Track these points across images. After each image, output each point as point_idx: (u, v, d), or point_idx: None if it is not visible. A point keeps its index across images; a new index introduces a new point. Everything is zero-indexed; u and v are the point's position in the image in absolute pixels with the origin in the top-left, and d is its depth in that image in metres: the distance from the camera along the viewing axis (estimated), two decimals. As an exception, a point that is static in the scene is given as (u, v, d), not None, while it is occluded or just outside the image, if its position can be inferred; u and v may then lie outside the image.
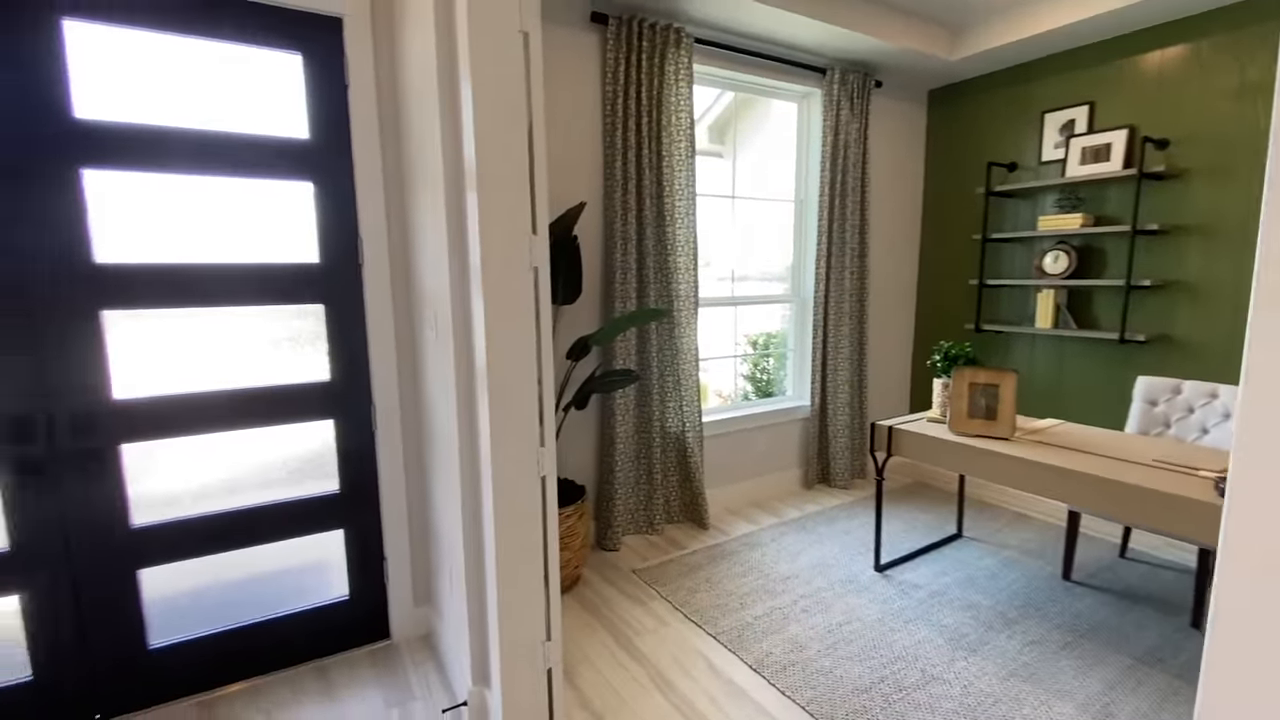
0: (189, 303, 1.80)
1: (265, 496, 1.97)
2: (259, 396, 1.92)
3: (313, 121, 1.89)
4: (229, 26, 1.76)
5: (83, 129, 1.63)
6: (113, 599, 1.79)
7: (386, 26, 1.95)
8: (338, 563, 2.12)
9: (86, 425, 1.70)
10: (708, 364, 4.44)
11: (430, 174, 1.70)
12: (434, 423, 1.95)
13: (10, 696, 1.70)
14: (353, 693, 1.93)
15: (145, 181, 1.72)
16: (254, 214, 1.87)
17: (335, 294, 1.99)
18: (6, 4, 1.52)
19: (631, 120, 2.72)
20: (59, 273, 1.63)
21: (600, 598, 2.47)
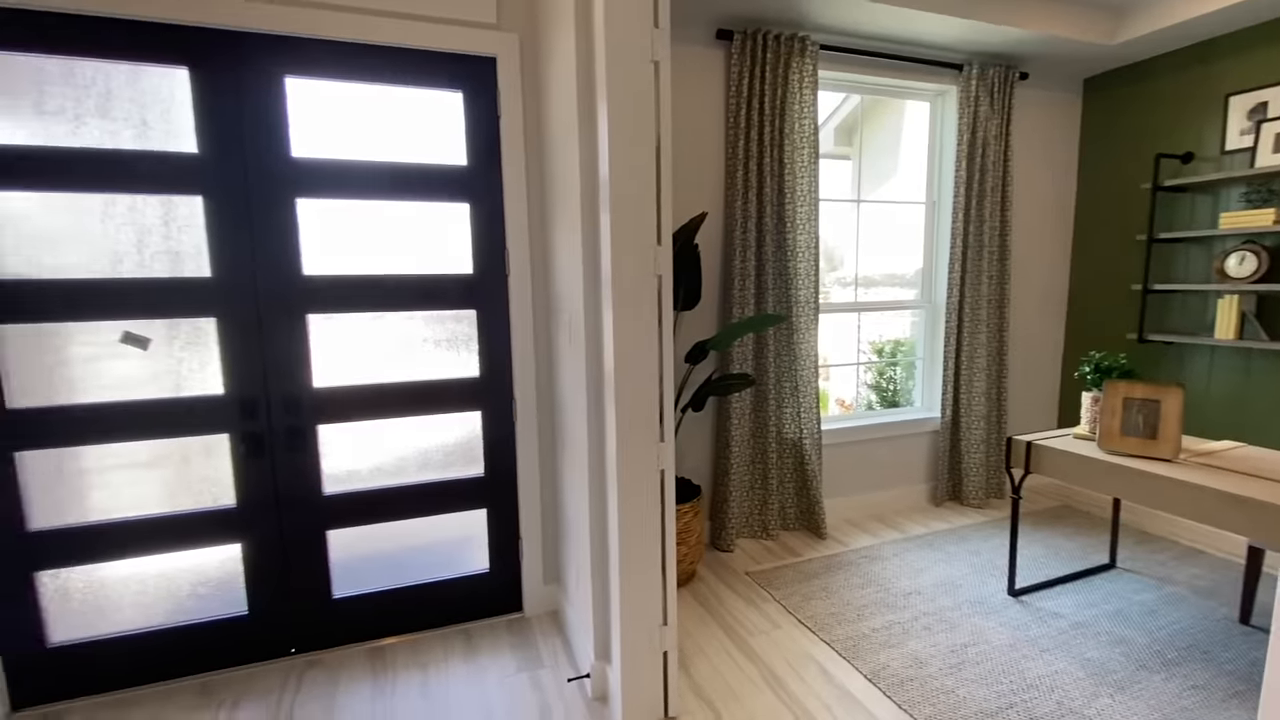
0: (371, 308, 2.13)
1: (424, 476, 2.27)
2: (422, 389, 2.22)
3: (470, 150, 2.17)
4: (407, 73, 2.07)
5: (297, 165, 2.00)
6: (308, 554, 2.16)
7: (532, 63, 2.19)
8: (480, 539, 2.38)
9: (294, 407, 2.07)
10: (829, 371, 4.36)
11: (568, 192, 1.89)
12: (565, 417, 2.15)
13: (232, 626, 2.11)
14: (491, 656, 2.17)
15: (340, 207, 2.07)
16: (422, 232, 2.17)
17: (485, 301, 2.25)
18: (251, 68, 1.91)
19: (754, 130, 2.78)
20: (279, 282, 2.02)
21: (714, 595, 2.55)
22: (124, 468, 1.96)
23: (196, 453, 2.02)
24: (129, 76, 1.84)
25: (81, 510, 1.93)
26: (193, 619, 2.06)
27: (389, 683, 2.03)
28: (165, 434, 1.97)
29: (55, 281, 1.83)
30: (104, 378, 1.91)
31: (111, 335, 1.90)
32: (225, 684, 2.04)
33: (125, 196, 1.86)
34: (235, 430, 2.02)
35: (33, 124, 1.78)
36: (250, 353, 2.01)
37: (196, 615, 2.07)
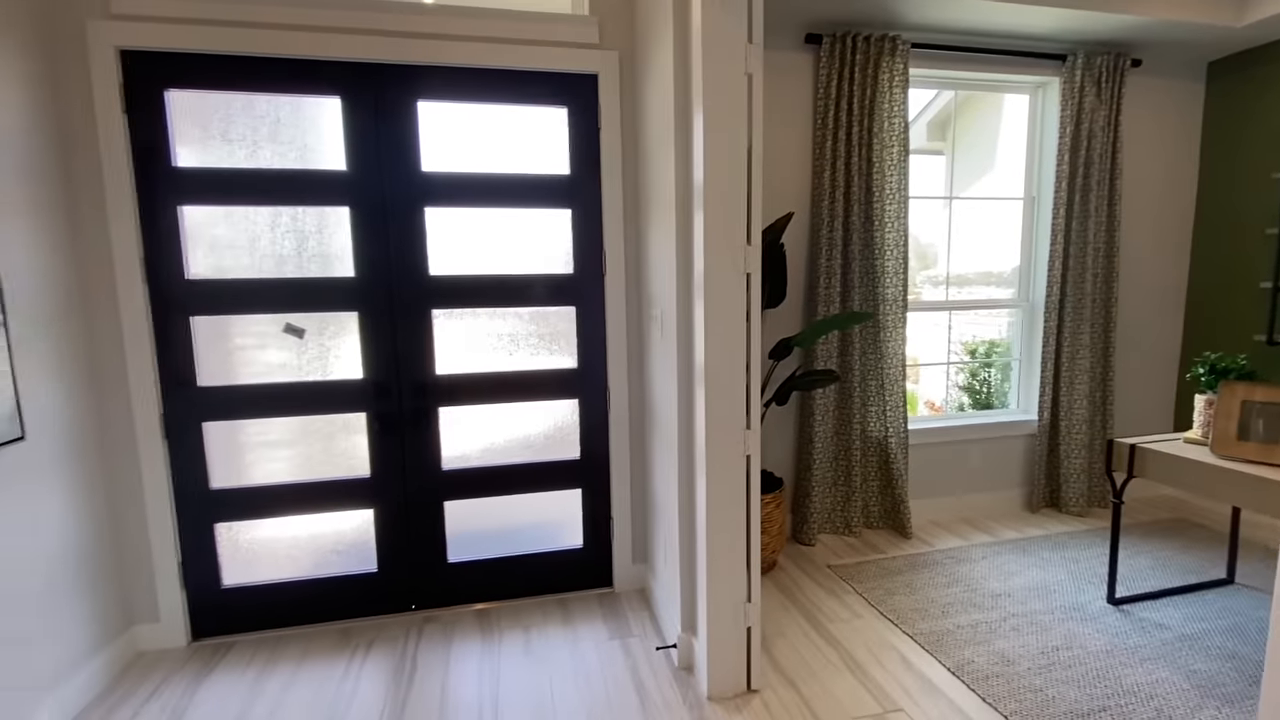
0: (485, 304, 2.37)
1: (526, 457, 2.50)
2: (526, 378, 2.45)
3: (572, 160, 2.37)
4: (518, 92, 2.30)
5: (426, 178, 2.27)
6: (428, 521, 2.43)
7: (630, 77, 2.36)
8: (575, 517, 2.58)
9: (419, 391, 2.35)
10: (919, 372, 4.29)
11: (662, 196, 2.04)
12: (655, 405, 2.30)
13: (364, 581, 2.41)
14: (585, 623, 2.36)
15: (460, 214, 2.33)
16: (529, 236, 2.40)
17: (583, 298, 2.45)
18: (390, 95, 2.20)
19: (842, 130, 2.83)
20: (409, 282, 2.30)
21: (795, 584, 2.63)
22: (281, 440, 2.31)
23: (339, 429, 2.34)
24: (294, 107, 2.17)
25: (247, 474, 2.29)
26: (333, 573, 2.39)
27: (496, 640, 2.26)
28: (314, 411, 2.29)
29: (231, 281, 2.19)
30: (268, 363, 2.26)
31: (275, 326, 2.25)
32: (360, 630, 2.35)
33: (289, 209, 2.19)
34: (371, 410, 2.32)
35: (220, 150, 2.15)
36: (384, 343, 2.31)
37: (336, 570, 2.39)
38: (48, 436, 1.86)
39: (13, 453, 1.73)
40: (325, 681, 2.05)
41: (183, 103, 2.10)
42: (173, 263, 2.13)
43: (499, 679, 2.04)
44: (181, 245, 2.13)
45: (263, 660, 2.17)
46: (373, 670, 2.10)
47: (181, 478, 2.22)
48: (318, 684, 2.03)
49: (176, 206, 2.11)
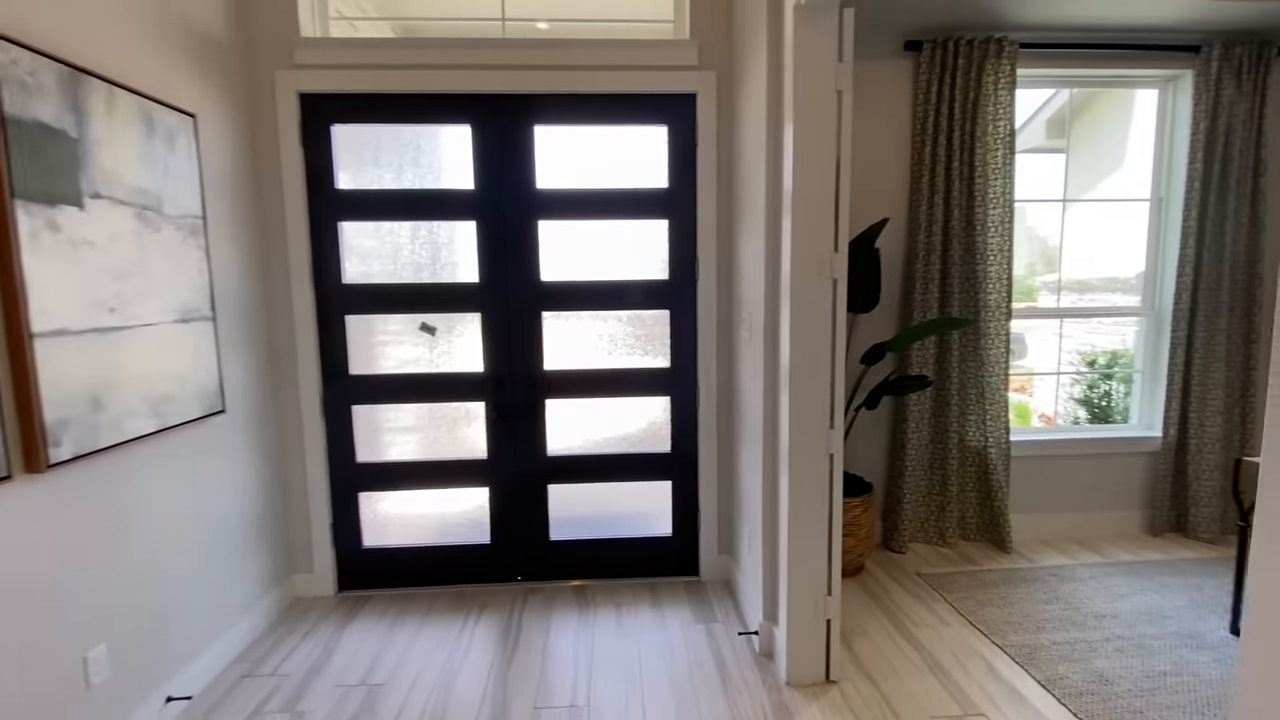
0: (587, 307, 2.61)
1: (621, 449, 2.70)
2: (623, 375, 2.65)
3: (671, 174, 2.55)
4: (623, 114, 2.51)
5: (540, 194, 2.54)
6: (534, 501, 2.70)
7: (727, 95, 2.50)
8: (664, 508, 2.75)
9: (529, 384, 2.62)
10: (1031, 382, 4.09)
11: (754, 206, 2.17)
12: (742, 403, 2.42)
13: (479, 551, 2.71)
14: (672, 607, 2.52)
15: (567, 226, 2.58)
16: (628, 245, 2.60)
17: (677, 302, 2.62)
18: (511, 122, 2.48)
19: (942, 135, 2.81)
20: (523, 287, 2.57)
21: (882, 588, 2.64)
22: (413, 423, 2.66)
23: (461, 416, 2.65)
24: (431, 135, 2.51)
25: (385, 451, 2.66)
26: (453, 542, 2.70)
27: (591, 614, 2.48)
28: (441, 399, 2.62)
29: (378, 285, 2.55)
30: (403, 356, 2.61)
31: (412, 324, 2.60)
32: (474, 595, 2.65)
33: (426, 223, 2.53)
34: (489, 399, 2.62)
35: (371, 173, 2.52)
36: (500, 341, 2.60)
37: (455, 540, 2.71)
38: (240, 411, 2.29)
39: (217, 422, 2.16)
40: (445, 635, 2.35)
41: (344, 135, 2.49)
42: (333, 270, 2.52)
43: (593, 646, 2.25)
44: (340, 255, 2.52)
45: (394, 613, 2.52)
46: (484, 630, 2.38)
47: (334, 451, 2.62)
48: (439, 637, 2.34)
49: (337, 222, 2.51)
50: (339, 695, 2.00)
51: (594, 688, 2.02)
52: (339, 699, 1.99)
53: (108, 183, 1.66)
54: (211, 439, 2.13)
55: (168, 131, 1.90)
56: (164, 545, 1.90)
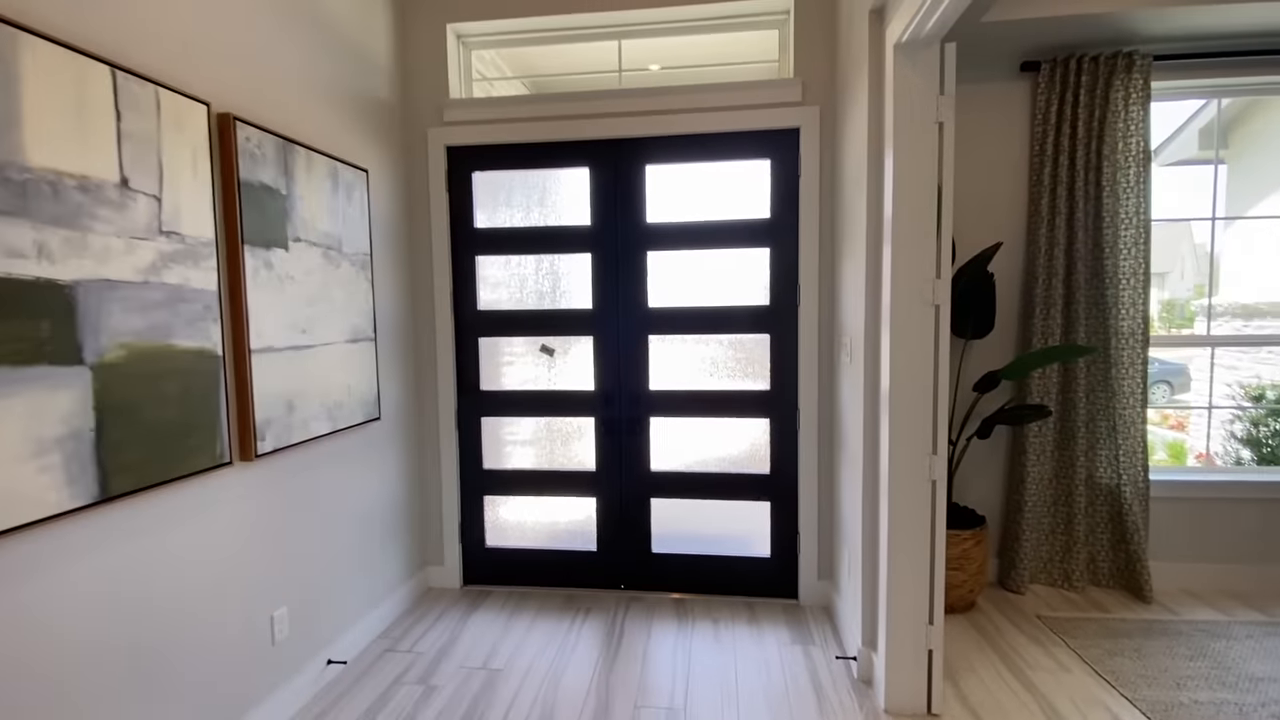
0: (692, 331, 2.76)
1: (721, 468, 2.81)
2: (724, 397, 2.76)
3: (773, 205, 2.66)
4: (728, 151, 2.67)
5: (649, 228, 2.75)
6: (637, 514, 2.86)
7: (830, 127, 2.59)
8: (763, 529, 2.81)
9: (636, 403, 2.81)
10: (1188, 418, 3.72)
11: (854, 234, 2.23)
12: (843, 427, 2.45)
13: (586, 558, 2.91)
14: (770, 626, 2.56)
15: (673, 256, 2.76)
16: (730, 272, 2.73)
17: (777, 326, 2.70)
18: (625, 163, 2.72)
19: (1064, 155, 2.70)
20: (632, 313, 2.78)
21: (995, 627, 2.52)
22: (531, 436, 2.92)
23: (573, 430, 2.88)
24: (555, 178, 2.80)
25: (506, 460, 2.94)
26: (564, 547, 2.92)
27: (689, 626, 2.58)
28: (556, 414, 2.87)
29: (506, 311, 2.86)
30: (524, 375, 2.90)
31: (533, 346, 2.88)
32: (581, 598, 2.84)
33: (549, 256, 2.82)
34: (599, 415, 2.84)
35: (503, 213, 2.85)
36: (610, 362, 2.81)
37: (566, 545, 2.93)
38: (391, 419, 2.67)
39: (374, 428, 2.53)
40: (555, 632, 2.55)
41: (482, 180, 2.85)
42: (469, 297, 2.87)
43: (690, 656, 2.35)
44: (475, 285, 2.87)
45: (511, 608, 2.76)
46: (590, 631, 2.55)
47: (465, 458, 2.94)
48: (549, 633, 2.54)
49: (474, 256, 2.86)
50: (464, 675, 2.25)
51: (691, 694, 2.12)
52: (464, 678, 2.23)
53: (305, 228, 2.06)
54: (369, 442, 2.50)
55: (347, 185, 2.30)
56: (331, 528, 2.26)
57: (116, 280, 1.40)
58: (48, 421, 1.26)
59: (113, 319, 1.40)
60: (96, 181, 1.36)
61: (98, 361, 1.36)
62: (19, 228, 1.21)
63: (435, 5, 2.75)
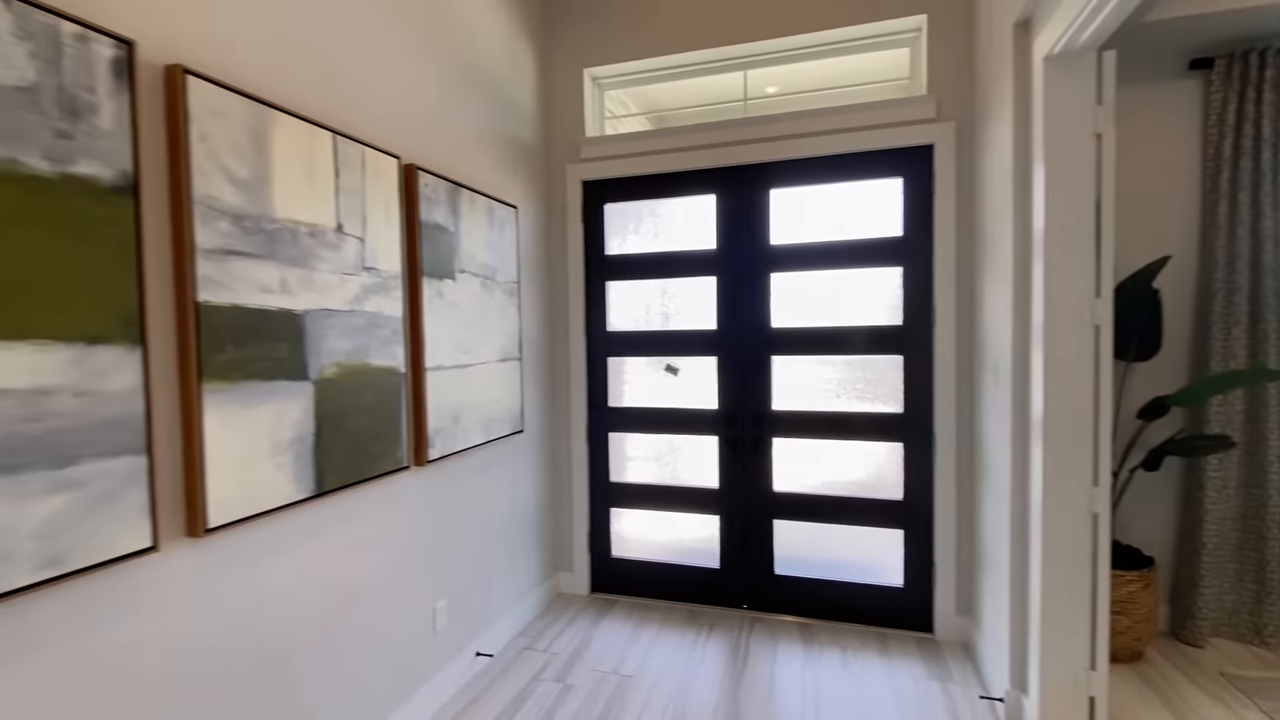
0: (815, 352, 2.75)
1: (848, 492, 2.75)
2: (851, 419, 2.72)
3: (906, 223, 2.61)
4: (856, 171, 2.66)
5: (772, 250, 2.79)
6: (760, 534, 2.87)
7: (968, 144, 2.51)
8: (895, 557, 2.71)
9: (758, 422, 2.84)
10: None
11: (997, 252, 2.15)
12: (986, 454, 2.33)
13: (709, 575, 2.95)
14: (903, 659, 2.47)
15: (796, 277, 2.78)
16: (857, 292, 2.70)
17: (910, 347, 2.63)
18: (749, 189, 2.79)
19: (1245, 159, 2.43)
20: (755, 333, 2.83)
21: (1167, 681, 2.26)
22: (655, 452, 3.03)
23: (696, 448, 2.96)
24: (681, 206, 2.93)
25: (630, 474, 3.07)
26: (686, 563, 2.99)
27: (816, 651, 2.54)
28: (679, 431, 2.96)
29: (633, 332, 3.01)
30: (650, 393, 3.02)
31: (658, 365, 3.00)
32: (704, 614, 2.89)
33: (674, 280, 2.94)
34: (722, 434, 2.89)
35: (632, 240, 3.02)
36: (733, 381, 2.86)
37: (688, 561, 2.99)
38: (532, 432, 2.88)
39: (518, 440, 2.75)
40: (680, 646, 2.61)
41: (612, 211, 3.03)
42: (600, 320, 3.05)
43: (819, 681, 2.32)
44: (606, 308, 3.04)
45: (636, 618, 2.86)
46: (714, 648, 2.59)
47: (594, 470, 3.10)
48: (674, 646, 2.60)
49: (605, 281, 3.04)
50: (597, 678, 2.37)
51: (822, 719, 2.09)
52: (597, 680, 2.35)
53: (468, 261, 2.31)
54: (513, 453, 2.72)
55: (500, 220, 2.55)
56: (483, 530, 2.48)
57: (333, 309, 1.67)
58: (283, 427, 1.53)
59: (329, 341, 1.66)
60: (320, 228, 1.64)
61: (318, 377, 1.63)
62: (268, 268, 1.49)
63: (574, 53, 2.99)
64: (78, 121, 1.11)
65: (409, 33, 2.06)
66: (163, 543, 1.29)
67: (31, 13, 1.05)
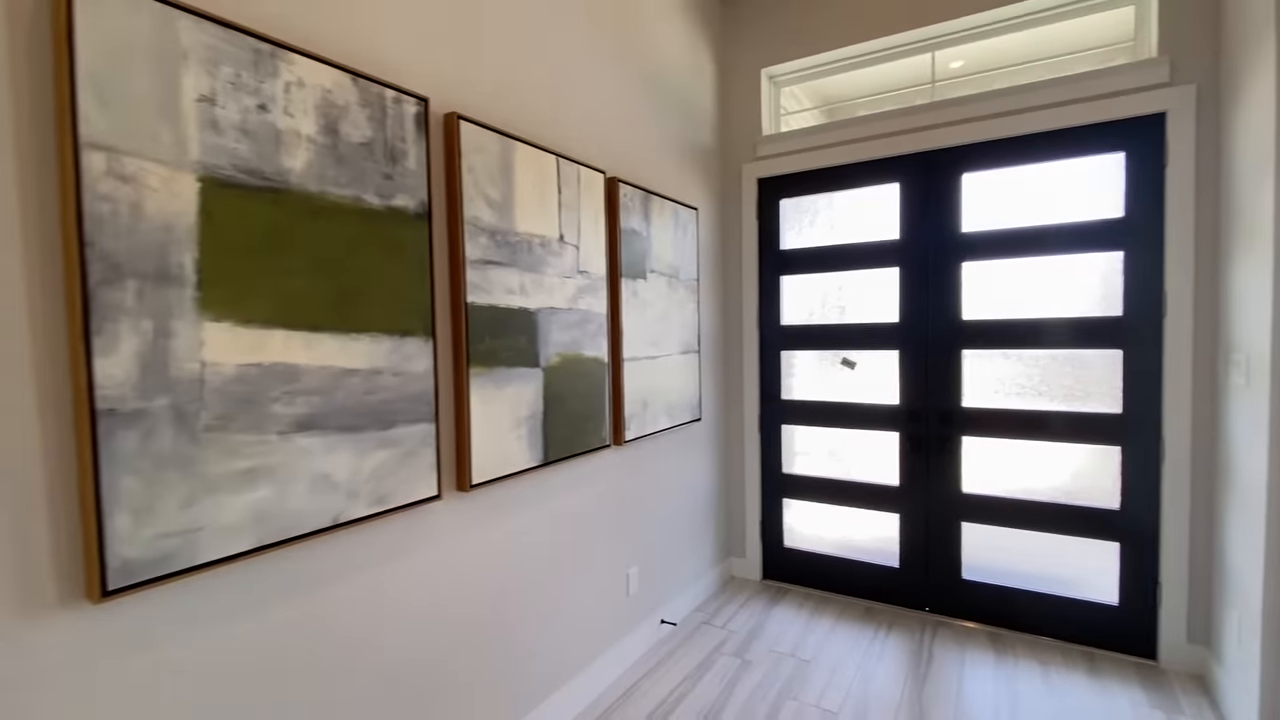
0: (1013, 346, 2.58)
1: (1051, 497, 2.55)
2: (1055, 418, 2.51)
3: (1128, 202, 2.35)
4: (1065, 148, 2.44)
5: (964, 238, 2.65)
6: (946, 536, 2.76)
7: (1211, 108, 2.19)
8: (1106, 571, 2.46)
9: (946, 420, 2.72)
10: None
11: (1255, 232, 1.87)
12: (1232, 465, 2.04)
13: (886, 573, 2.90)
14: (1118, 684, 2.25)
15: (992, 265, 2.61)
16: (1064, 280, 2.48)
17: (1133, 341, 2.36)
18: (937, 175, 2.69)
19: None
20: (943, 325, 2.71)
21: None
22: (830, 445, 3.03)
23: (875, 443, 2.91)
24: (859, 197, 2.89)
25: (803, 467, 3.10)
26: (862, 559, 2.96)
27: (1010, 664, 2.40)
28: (857, 426, 2.93)
29: (806, 325, 3.03)
30: (823, 386, 3.03)
31: (832, 359, 3.00)
32: (880, 613, 2.85)
33: (851, 272, 2.92)
34: (903, 430, 2.82)
35: (807, 233, 3.04)
36: (917, 376, 2.78)
37: (864, 557, 2.96)
38: (708, 421, 3.05)
39: (696, 427, 2.93)
40: (857, 640, 2.61)
41: (788, 206, 3.08)
42: (773, 314, 3.12)
43: (1016, 696, 2.20)
44: (780, 302, 3.11)
45: (810, 609, 2.90)
46: (893, 648, 2.55)
47: (765, 460, 3.19)
48: (851, 640, 2.61)
49: (779, 276, 3.10)
50: (775, 658, 2.46)
51: (1020, 731, 2.00)
52: (775, 661, 2.45)
53: (656, 262, 2.52)
54: (692, 439, 2.90)
55: (683, 222, 2.73)
56: (667, 507, 2.69)
57: (556, 307, 1.95)
58: (521, 405, 1.83)
59: (553, 335, 1.95)
60: (548, 238, 1.92)
61: (545, 365, 1.92)
62: (512, 274, 1.79)
63: (751, 54, 3.08)
64: (395, 165, 1.45)
65: (606, 56, 2.31)
66: (444, 492, 1.63)
67: (370, 85, 1.40)
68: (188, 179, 1.10)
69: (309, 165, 1.28)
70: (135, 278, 1.03)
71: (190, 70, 1.10)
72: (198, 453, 1.11)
